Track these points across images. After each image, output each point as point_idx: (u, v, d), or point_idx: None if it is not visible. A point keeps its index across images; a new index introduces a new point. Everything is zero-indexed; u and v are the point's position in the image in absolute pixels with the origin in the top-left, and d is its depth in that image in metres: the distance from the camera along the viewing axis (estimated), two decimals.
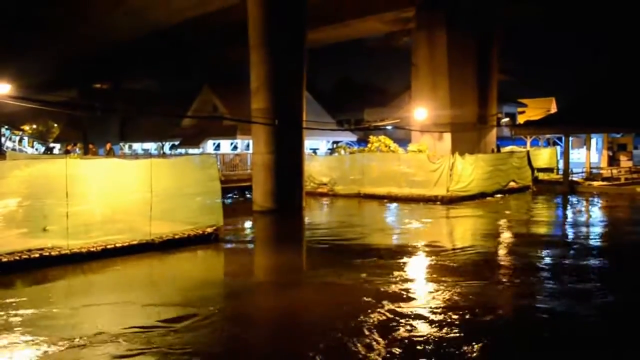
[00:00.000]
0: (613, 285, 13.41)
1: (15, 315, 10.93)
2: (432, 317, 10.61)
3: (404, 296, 12.05)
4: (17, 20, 44.28)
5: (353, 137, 59.93)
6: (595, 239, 20.22)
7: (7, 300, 11.92)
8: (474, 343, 9.27)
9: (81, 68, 59.89)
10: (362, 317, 10.61)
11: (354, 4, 41.04)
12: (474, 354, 8.92)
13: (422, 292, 12.57)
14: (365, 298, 11.92)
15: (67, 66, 58.55)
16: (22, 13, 42.86)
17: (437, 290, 12.49)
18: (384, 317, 10.60)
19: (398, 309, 11.07)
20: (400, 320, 10.40)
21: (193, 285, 13.82)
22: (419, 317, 10.65)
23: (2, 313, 11.04)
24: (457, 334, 9.74)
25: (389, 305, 11.28)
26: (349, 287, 13.11)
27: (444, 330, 9.86)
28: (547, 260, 16.13)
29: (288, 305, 12.08)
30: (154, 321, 10.58)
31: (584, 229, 22.45)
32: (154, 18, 43.85)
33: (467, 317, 10.64)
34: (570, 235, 21.18)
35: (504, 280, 13.83)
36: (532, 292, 12.59)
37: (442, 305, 11.31)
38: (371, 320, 10.42)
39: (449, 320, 10.38)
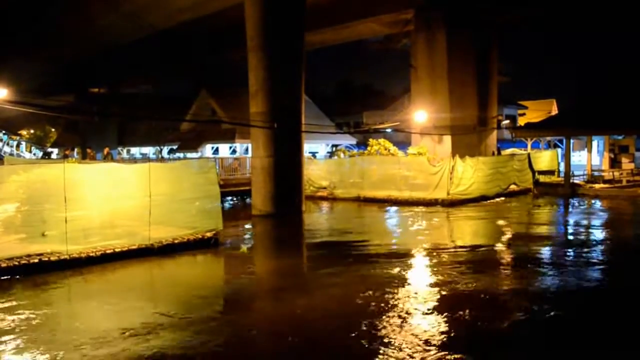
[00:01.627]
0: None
1: (18, 319, 10.84)
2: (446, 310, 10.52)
3: (412, 297, 11.92)
4: (14, 25, 44.14)
5: (352, 141, 59.75)
6: (598, 243, 20.00)
7: (13, 304, 11.96)
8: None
9: (78, 72, 59.77)
10: (371, 319, 10.44)
11: (353, 5, 40.87)
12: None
13: (428, 289, 12.42)
14: (370, 300, 11.78)
15: (64, 70, 58.44)
16: (19, 17, 42.70)
17: (443, 285, 12.36)
18: (398, 316, 10.46)
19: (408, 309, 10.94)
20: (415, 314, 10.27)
21: (193, 289, 13.66)
22: (433, 308, 10.55)
23: (11, 317, 11.03)
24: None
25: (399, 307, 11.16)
26: (353, 289, 12.91)
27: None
28: (549, 265, 15.97)
29: (292, 309, 11.87)
30: (154, 326, 10.39)
31: (586, 233, 22.21)
32: (151, 21, 43.67)
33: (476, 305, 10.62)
34: (572, 239, 21.06)
35: (510, 279, 13.70)
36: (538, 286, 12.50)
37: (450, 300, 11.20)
38: (387, 318, 10.26)
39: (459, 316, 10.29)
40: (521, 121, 62.85)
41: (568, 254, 17.52)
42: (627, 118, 33.79)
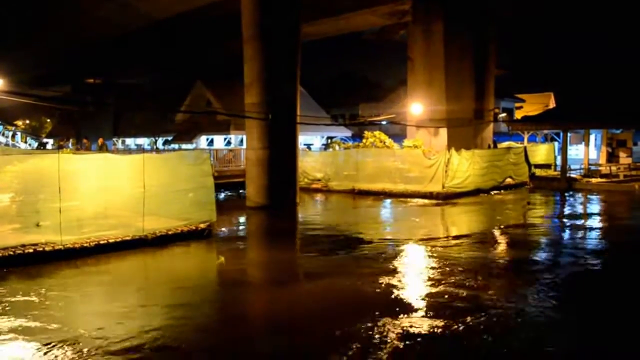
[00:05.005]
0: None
1: (12, 309, 10.87)
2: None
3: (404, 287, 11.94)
4: (8, 15, 44.02)
5: (348, 133, 59.72)
6: (590, 237, 20.04)
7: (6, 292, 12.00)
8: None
9: (74, 63, 59.67)
10: (364, 313, 10.46)
11: None
12: None
13: (417, 279, 12.44)
14: (363, 293, 11.83)
15: (60, 61, 58.30)
16: (13, 8, 42.58)
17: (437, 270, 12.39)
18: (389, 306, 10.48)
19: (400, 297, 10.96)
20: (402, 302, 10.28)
21: (186, 280, 13.71)
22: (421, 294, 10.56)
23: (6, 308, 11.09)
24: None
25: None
26: (347, 281, 13.05)
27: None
28: (541, 260, 16.00)
29: (285, 300, 11.95)
30: (148, 317, 10.45)
31: (579, 226, 22.23)
32: (146, 11, 43.60)
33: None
34: (565, 232, 21.06)
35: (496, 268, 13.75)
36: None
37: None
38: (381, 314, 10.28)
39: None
40: (518, 114, 62.81)
41: (559, 244, 17.71)
42: (625, 112, 33.80)
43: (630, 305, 11.47)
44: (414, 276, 13.54)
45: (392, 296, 11.61)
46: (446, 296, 11.53)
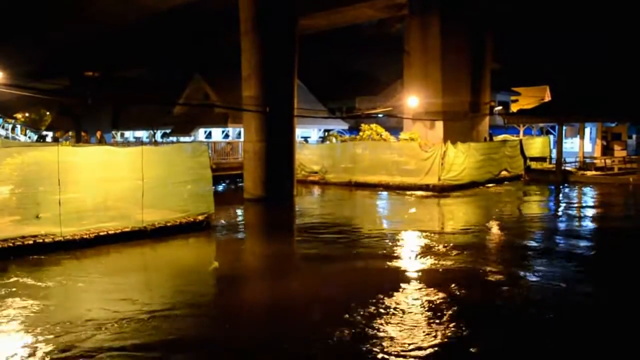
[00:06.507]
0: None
1: (13, 299, 11.00)
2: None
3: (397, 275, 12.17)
4: (7, 9, 44.09)
5: (344, 126, 59.76)
6: (583, 231, 20.27)
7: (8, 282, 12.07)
8: None
9: (73, 56, 59.65)
10: (356, 304, 10.64)
11: None
12: None
13: (422, 274, 12.68)
14: (359, 282, 12.04)
15: (59, 54, 58.30)
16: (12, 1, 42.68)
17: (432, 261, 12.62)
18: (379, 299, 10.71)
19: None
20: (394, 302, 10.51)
21: (185, 272, 13.91)
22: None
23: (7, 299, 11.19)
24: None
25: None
26: (344, 270, 13.38)
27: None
28: (536, 249, 16.23)
29: (283, 290, 12.16)
30: (148, 309, 10.55)
31: (573, 218, 22.51)
32: (143, 3, 43.66)
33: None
34: (560, 223, 21.27)
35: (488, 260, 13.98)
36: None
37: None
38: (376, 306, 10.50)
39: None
40: (514, 107, 62.78)
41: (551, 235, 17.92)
42: (620, 105, 33.97)
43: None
44: (413, 260, 13.84)
45: (394, 277, 11.89)
46: (446, 276, 11.90)
